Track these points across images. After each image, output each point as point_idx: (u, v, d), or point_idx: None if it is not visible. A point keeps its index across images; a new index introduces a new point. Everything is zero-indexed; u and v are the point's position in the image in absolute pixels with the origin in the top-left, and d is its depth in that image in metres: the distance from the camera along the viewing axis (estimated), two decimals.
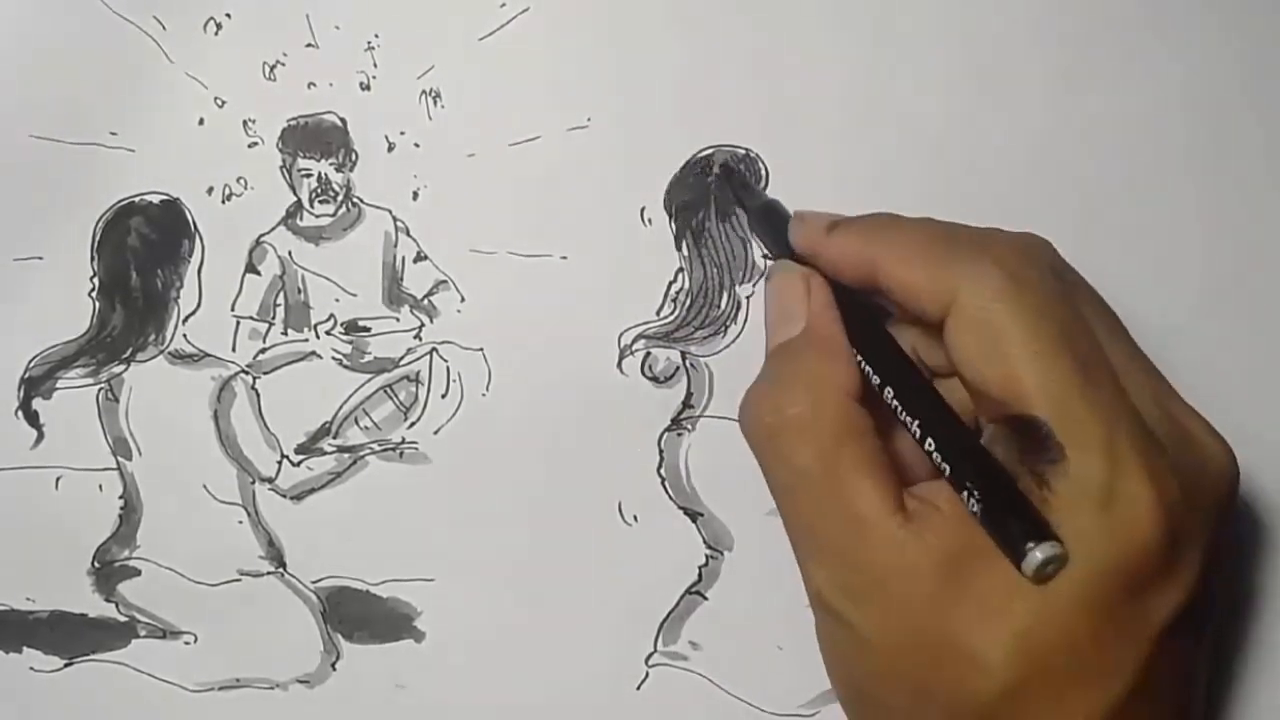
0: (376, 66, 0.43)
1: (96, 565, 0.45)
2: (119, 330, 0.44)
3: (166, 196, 0.44)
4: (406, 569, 0.46)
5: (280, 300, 0.44)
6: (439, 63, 0.43)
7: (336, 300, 0.45)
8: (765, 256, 0.44)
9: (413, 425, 0.45)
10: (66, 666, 0.46)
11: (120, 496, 0.45)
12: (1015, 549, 0.34)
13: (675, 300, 0.45)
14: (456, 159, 0.44)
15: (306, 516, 0.45)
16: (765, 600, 0.45)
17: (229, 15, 0.43)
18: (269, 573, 0.46)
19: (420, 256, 0.44)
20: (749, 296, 0.45)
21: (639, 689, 0.46)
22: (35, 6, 0.43)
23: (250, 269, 0.44)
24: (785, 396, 0.38)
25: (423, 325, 0.45)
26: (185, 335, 0.44)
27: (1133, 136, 0.44)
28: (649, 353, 0.45)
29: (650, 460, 0.45)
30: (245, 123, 0.43)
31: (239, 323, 0.44)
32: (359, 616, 0.46)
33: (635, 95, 0.44)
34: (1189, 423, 0.38)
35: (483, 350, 0.45)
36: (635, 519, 0.45)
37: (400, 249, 0.44)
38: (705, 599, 0.46)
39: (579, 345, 0.44)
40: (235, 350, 0.45)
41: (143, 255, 0.44)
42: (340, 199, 0.44)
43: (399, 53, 0.43)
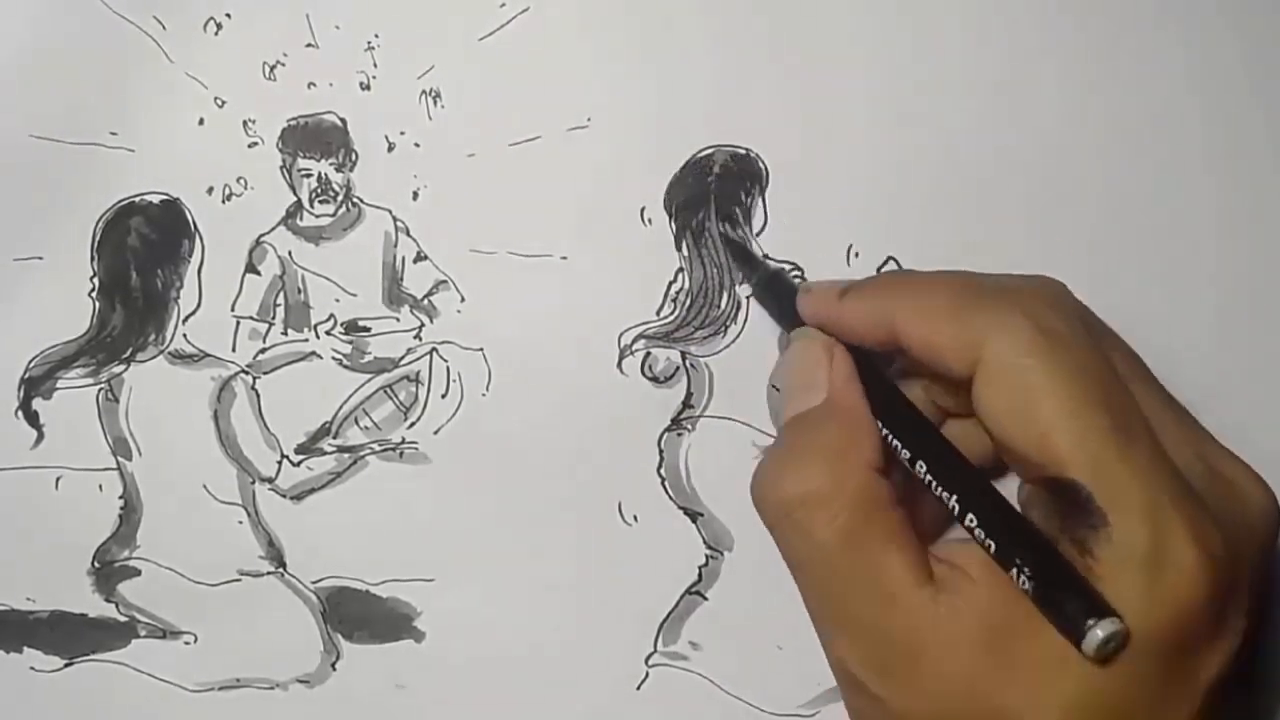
0: (376, 66, 0.43)
1: (96, 565, 0.45)
2: (119, 330, 0.44)
3: (166, 196, 0.44)
4: (406, 569, 0.46)
5: (280, 300, 0.44)
6: (439, 63, 0.43)
7: (336, 300, 0.45)
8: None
9: (413, 425, 0.45)
10: (66, 666, 0.46)
11: (120, 496, 0.45)
12: (1075, 628, 0.32)
13: (675, 300, 0.45)
14: (456, 159, 0.44)
15: (306, 516, 0.45)
16: (765, 600, 0.45)
17: (229, 15, 0.43)
18: (269, 573, 0.46)
19: (420, 256, 0.44)
20: (749, 296, 0.45)
21: (639, 689, 0.46)
22: (35, 6, 0.42)
23: (250, 269, 0.44)
24: (807, 469, 0.36)
25: (423, 325, 0.45)
26: (185, 335, 0.44)
27: (1148, 139, 0.44)
28: (649, 353, 0.45)
29: (650, 460, 0.45)
30: (245, 123, 0.43)
31: (239, 323, 0.44)
32: (359, 616, 0.46)
33: (635, 95, 0.44)
34: (1227, 468, 0.37)
35: (483, 350, 0.45)
36: (635, 519, 0.45)
37: (400, 249, 0.44)
38: (705, 599, 0.46)
39: (579, 345, 0.44)
40: (235, 350, 0.45)
41: (143, 255, 0.44)
42: (340, 199, 0.44)
43: (399, 53, 0.43)
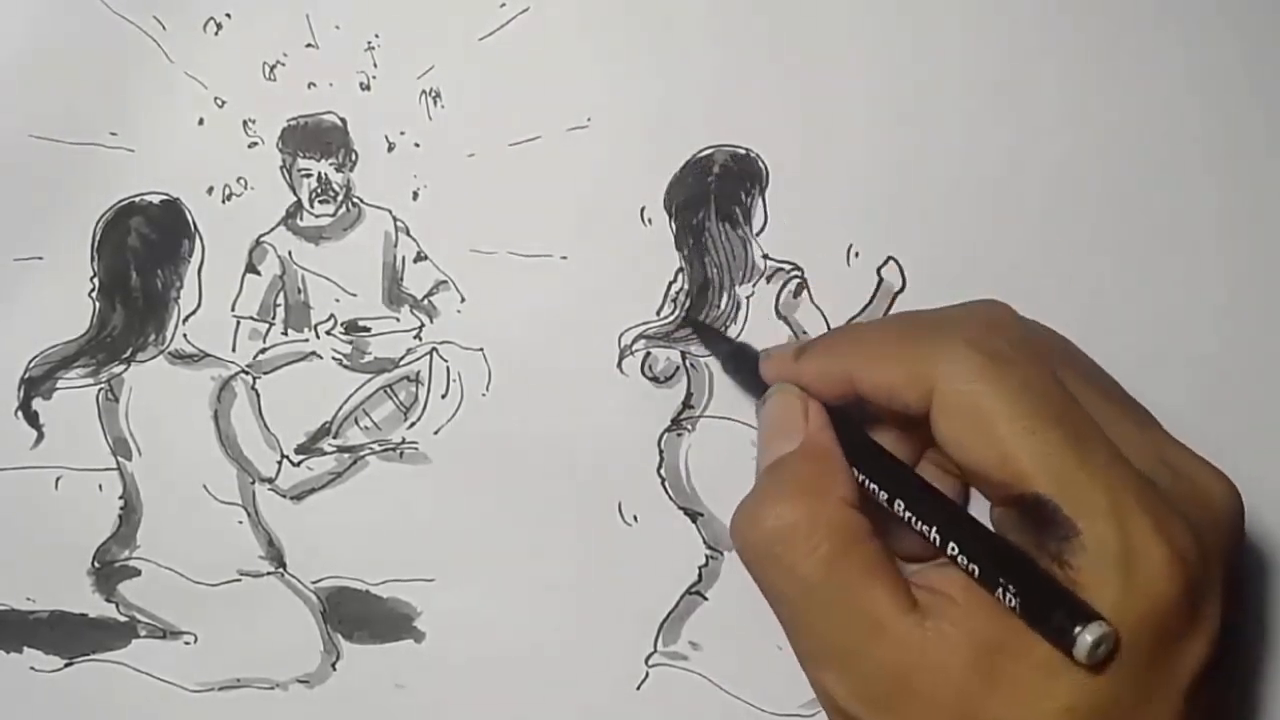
0: (376, 66, 0.43)
1: (96, 565, 0.45)
2: (119, 330, 0.44)
3: (166, 196, 0.44)
4: (406, 569, 0.46)
5: (280, 300, 0.44)
6: (439, 63, 0.43)
7: (336, 300, 0.45)
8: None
9: (413, 425, 0.45)
10: (66, 666, 0.46)
11: (120, 496, 0.45)
12: (1063, 637, 0.33)
13: (675, 300, 0.45)
14: (456, 159, 0.44)
15: (306, 516, 0.45)
16: (765, 600, 0.45)
17: (229, 15, 0.43)
18: (269, 573, 0.46)
19: (420, 256, 0.44)
20: (749, 296, 0.45)
21: (639, 689, 0.46)
22: (35, 6, 0.42)
23: (250, 269, 0.44)
24: (784, 504, 0.37)
25: (423, 325, 0.45)
26: (185, 335, 0.44)
27: (1148, 139, 0.44)
28: (649, 353, 0.45)
29: (650, 460, 0.45)
30: (245, 123, 0.43)
31: (239, 323, 0.44)
32: (359, 616, 0.46)
33: (635, 95, 0.44)
34: (1187, 466, 0.37)
35: (483, 350, 0.45)
36: (635, 519, 0.45)
37: (400, 249, 0.44)
38: (705, 599, 0.46)
39: (579, 345, 0.44)
40: (235, 350, 0.45)
41: (143, 255, 0.44)
42: (340, 199, 0.44)
43: (399, 53, 0.43)
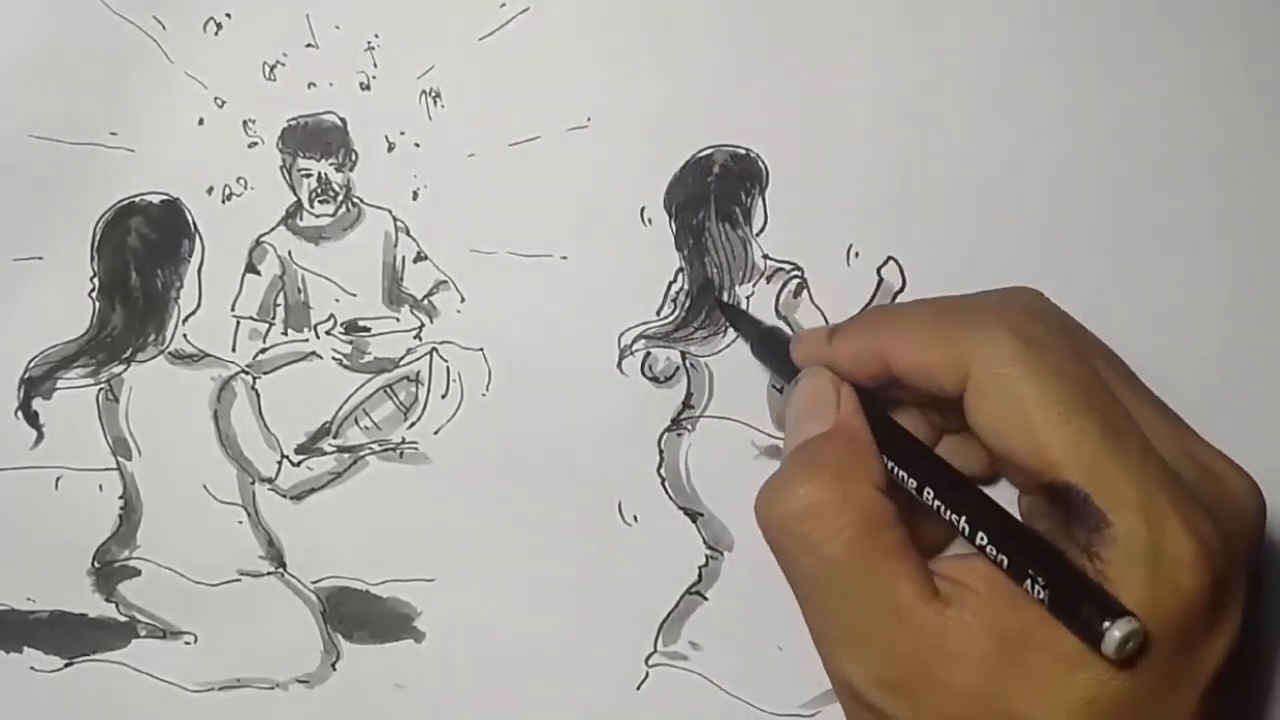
0: (376, 66, 0.43)
1: (96, 565, 0.45)
2: (119, 330, 0.44)
3: (166, 196, 0.44)
4: (406, 569, 0.46)
5: (280, 300, 0.44)
6: (439, 63, 0.43)
7: (336, 300, 0.45)
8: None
9: (413, 425, 0.45)
10: (66, 666, 0.46)
11: (120, 496, 0.45)
12: (1091, 631, 0.33)
13: (675, 300, 0.45)
14: (456, 159, 0.44)
15: (306, 516, 0.45)
16: (765, 600, 0.45)
17: (229, 15, 0.43)
18: (269, 573, 0.46)
19: (420, 256, 0.44)
20: (749, 296, 0.45)
21: (639, 689, 0.46)
22: (35, 6, 0.42)
23: (250, 269, 0.44)
24: (812, 484, 0.37)
25: (423, 325, 0.45)
26: (185, 335, 0.44)
27: (1148, 139, 0.44)
28: (649, 353, 0.45)
29: (650, 460, 0.45)
30: (245, 123, 0.43)
31: (239, 323, 0.44)
32: (359, 616, 0.46)
33: (635, 95, 0.44)
34: (1213, 463, 0.37)
35: (483, 350, 0.45)
36: (635, 519, 0.45)
37: (400, 249, 0.44)
38: (705, 599, 0.46)
39: (579, 345, 0.44)
40: (235, 350, 0.45)
41: (143, 255, 0.44)
42: (340, 199, 0.44)
43: (399, 53, 0.43)
